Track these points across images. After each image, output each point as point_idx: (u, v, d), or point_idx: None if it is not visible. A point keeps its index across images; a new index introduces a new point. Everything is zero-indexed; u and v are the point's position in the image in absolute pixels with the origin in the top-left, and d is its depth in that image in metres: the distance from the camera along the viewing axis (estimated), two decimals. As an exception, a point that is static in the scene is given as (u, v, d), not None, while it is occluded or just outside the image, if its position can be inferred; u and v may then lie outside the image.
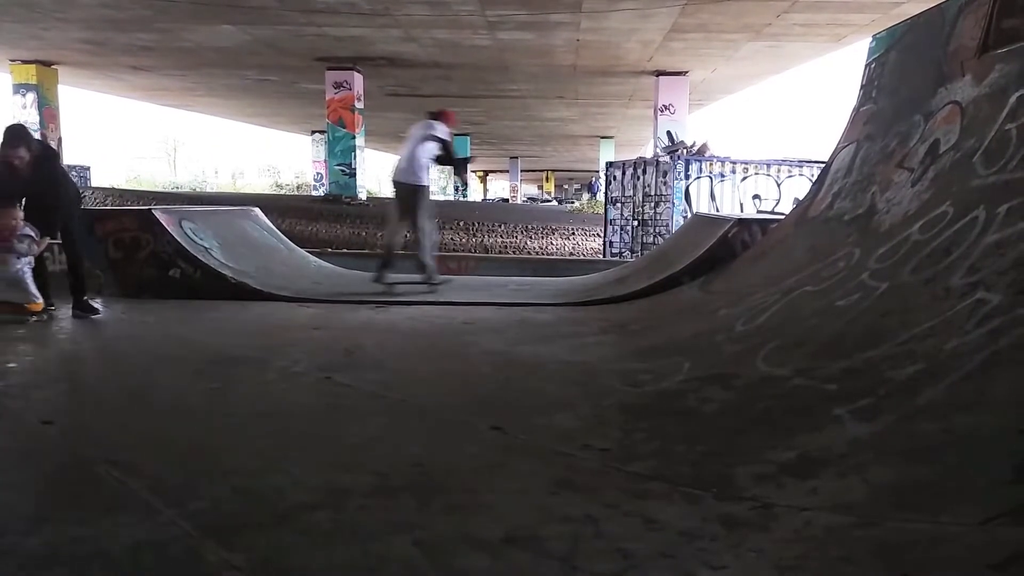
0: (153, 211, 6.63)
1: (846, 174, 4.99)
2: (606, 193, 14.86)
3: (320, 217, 15.61)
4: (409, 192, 6.92)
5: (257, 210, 8.42)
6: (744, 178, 13.05)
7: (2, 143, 5.19)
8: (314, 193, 29.11)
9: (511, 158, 44.89)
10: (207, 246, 6.69)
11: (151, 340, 4.84)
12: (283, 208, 15.72)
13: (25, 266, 5.15)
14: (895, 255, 3.62)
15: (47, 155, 5.35)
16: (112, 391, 3.55)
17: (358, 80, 17.93)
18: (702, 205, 12.76)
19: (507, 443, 2.86)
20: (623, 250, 13.64)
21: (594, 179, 38.27)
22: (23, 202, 5.23)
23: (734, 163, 13.13)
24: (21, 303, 5.12)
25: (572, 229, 16.23)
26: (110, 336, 5.05)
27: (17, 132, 5.26)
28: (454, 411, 3.30)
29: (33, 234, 5.17)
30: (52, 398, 3.31)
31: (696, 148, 14.03)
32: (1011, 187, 3.16)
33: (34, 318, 5.11)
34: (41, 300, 5.20)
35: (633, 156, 23.49)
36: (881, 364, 2.88)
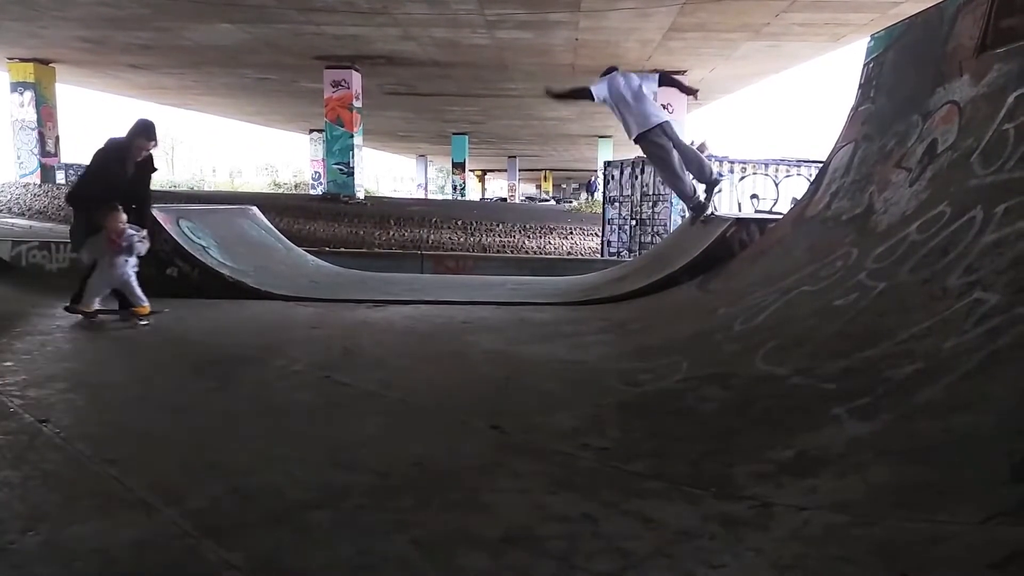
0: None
1: (844, 174, 4.99)
2: (604, 192, 14.86)
3: (318, 216, 15.59)
4: (660, 134, 6.52)
5: (255, 209, 8.41)
6: (742, 177, 13.05)
7: (136, 133, 5.15)
8: (312, 192, 29.11)
9: (509, 157, 44.87)
10: (205, 245, 6.68)
11: (148, 339, 4.83)
12: (281, 207, 15.70)
13: (131, 268, 5.09)
14: (893, 255, 3.63)
15: (152, 155, 5.40)
16: (109, 390, 3.55)
17: (356, 79, 17.91)
18: (700, 205, 12.74)
19: (506, 442, 2.86)
20: (621, 249, 13.65)
21: (593, 178, 37.96)
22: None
23: (732, 163, 13.13)
24: (136, 308, 5.09)
25: (570, 228, 16.22)
26: (107, 335, 5.04)
27: (153, 126, 5.25)
28: (453, 410, 3.31)
29: (137, 233, 5.09)
30: (49, 397, 3.30)
31: (694, 148, 14.01)
32: (1009, 187, 3.16)
33: (143, 322, 5.05)
34: (148, 303, 5.14)
35: (631, 155, 23.48)
36: (879, 363, 2.88)
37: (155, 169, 5.48)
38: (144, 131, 5.20)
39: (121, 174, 5.13)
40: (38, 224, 14.55)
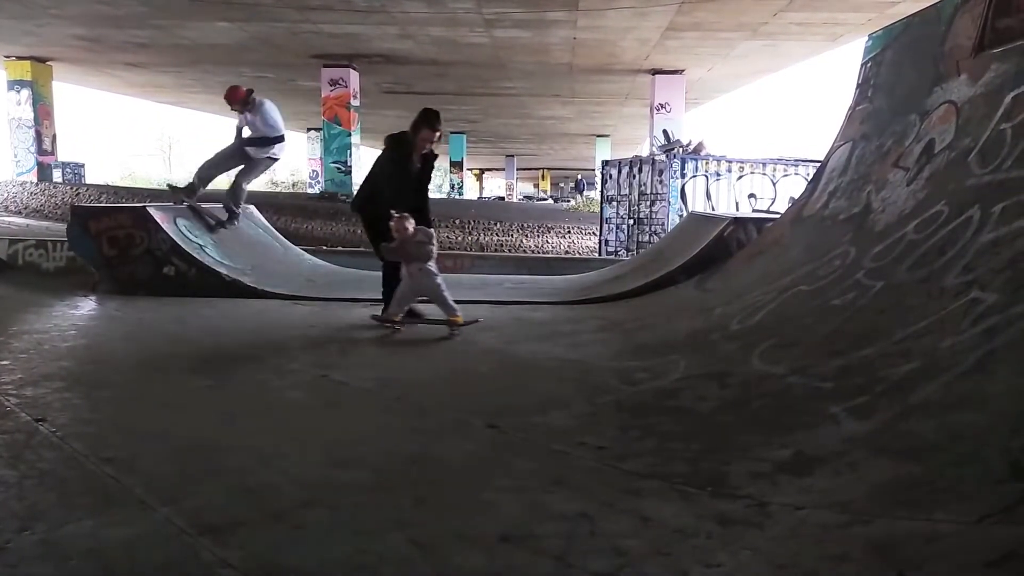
0: (147, 208, 6.60)
1: (842, 173, 5.00)
2: (602, 192, 14.85)
3: (316, 215, 15.56)
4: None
5: (252, 207, 8.39)
6: (740, 177, 13.06)
7: (418, 124, 4.81)
8: (310, 191, 29.03)
9: (507, 156, 44.84)
10: (201, 243, 6.67)
11: (146, 338, 4.82)
12: (278, 206, 15.68)
13: (439, 277, 4.82)
14: (890, 254, 3.63)
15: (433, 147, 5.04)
16: (106, 388, 3.54)
17: (354, 77, 17.88)
18: (698, 204, 12.76)
19: (503, 441, 2.86)
20: (619, 248, 13.63)
21: (581, 176, 37.37)
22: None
23: (730, 162, 13.13)
24: (447, 318, 4.80)
25: (568, 227, 16.21)
26: (104, 334, 5.03)
27: (437, 115, 4.88)
28: (450, 409, 3.30)
29: (427, 239, 4.77)
30: (45, 396, 3.30)
31: (692, 147, 14.02)
32: (1006, 186, 3.17)
33: (456, 332, 4.79)
34: (460, 313, 4.84)
35: (629, 155, 23.49)
36: (876, 362, 2.89)
37: (436, 157, 5.04)
38: (426, 120, 4.85)
39: (408, 170, 4.82)
40: (35, 222, 14.51)
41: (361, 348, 4.53)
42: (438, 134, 4.91)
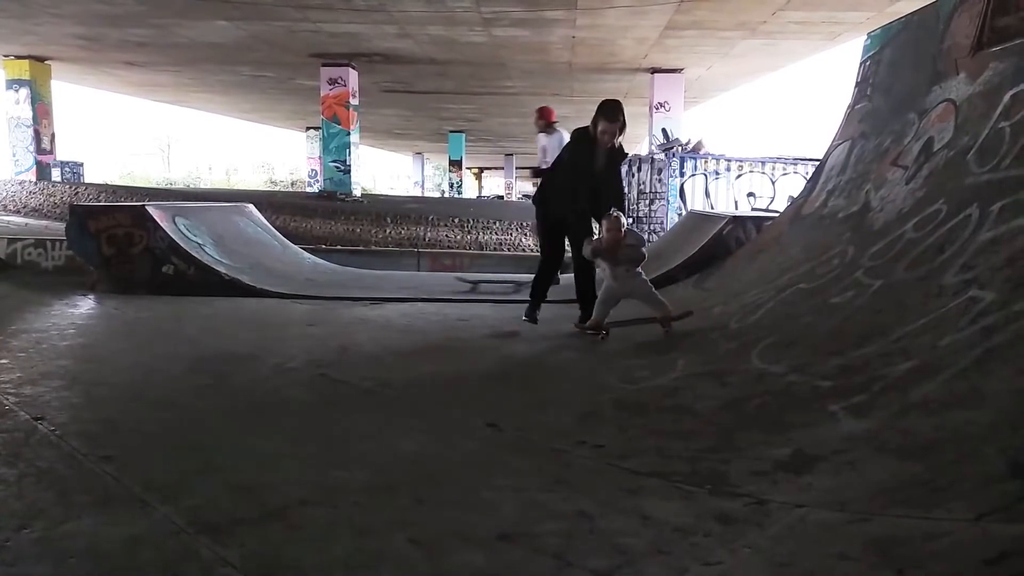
0: (146, 207, 6.60)
1: (841, 172, 5.00)
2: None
3: (315, 214, 15.53)
4: None
5: (251, 206, 8.40)
6: (739, 176, 13.07)
7: (596, 117, 4.53)
8: (309, 190, 29.04)
9: (506, 155, 44.78)
10: (200, 242, 6.67)
11: (145, 336, 4.82)
12: (277, 204, 15.65)
13: (643, 275, 4.63)
14: (889, 253, 3.63)
15: (620, 142, 4.68)
16: (105, 387, 3.54)
17: (353, 76, 17.86)
18: (697, 203, 12.78)
19: (502, 439, 2.86)
20: (618, 247, 13.64)
21: None
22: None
23: (729, 161, 13.15)
24: (662, 316, 4.49)
25: (567, 226, 16.18)
26: (103, 332, 5.02)
27: (615, 105, 4.56)
28: (449, 407, 3.30)
29: (638, 242, 4.55)
30: (44, 394, 3.29)
31: (691, 146, 14.03)
32: (1004, 185, 3.17)
33: (670, 328, 4.48)
34: (670, 307, 4.55)
35: (629, 154, 23.49)
36: (875, 361, 2.89)
37: (625, 156, 4.78)
38: (603, 113, 4.53)
39: (588, 165, 4.59)
40: (34, 222, 14.51)
41: (361, 347, 4.53)
42: (619, 125, 4.58)
